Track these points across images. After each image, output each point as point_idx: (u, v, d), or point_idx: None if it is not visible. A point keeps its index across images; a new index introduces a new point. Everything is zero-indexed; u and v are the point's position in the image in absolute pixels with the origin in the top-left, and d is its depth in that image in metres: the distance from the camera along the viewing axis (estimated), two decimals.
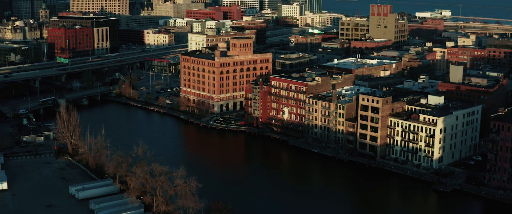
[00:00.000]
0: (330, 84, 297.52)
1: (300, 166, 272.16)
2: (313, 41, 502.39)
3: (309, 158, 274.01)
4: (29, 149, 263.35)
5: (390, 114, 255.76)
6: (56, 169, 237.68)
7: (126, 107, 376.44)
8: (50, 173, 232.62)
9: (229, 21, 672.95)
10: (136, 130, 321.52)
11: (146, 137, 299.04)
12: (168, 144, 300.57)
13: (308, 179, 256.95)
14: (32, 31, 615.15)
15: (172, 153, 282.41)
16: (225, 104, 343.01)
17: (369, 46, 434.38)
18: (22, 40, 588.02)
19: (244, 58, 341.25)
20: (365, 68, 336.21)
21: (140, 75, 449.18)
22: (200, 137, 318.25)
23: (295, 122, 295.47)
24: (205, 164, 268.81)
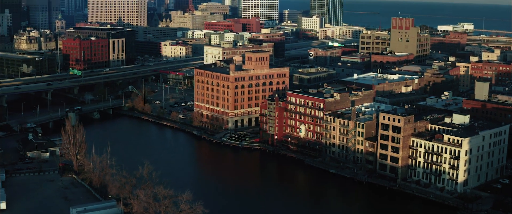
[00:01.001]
0: (349, 100, 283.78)
1: (316, 188, 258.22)
2: (333, 55, 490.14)
3: (326, 179, 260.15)
4: (33, 165, 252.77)
5: (412, 133, 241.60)
6: (59, 188, 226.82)
7: (138, 121, 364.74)
8: (52, 192, 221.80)
9: (248, 33, 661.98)
10: (146, 147, 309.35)
11: (156, 154, 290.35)
12: (178, 162, 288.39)
13: (325, 202, 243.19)
14: (48, 42, 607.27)
15: (181, 172, 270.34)
16: (240, 120, 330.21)
17: (390, 60, 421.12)
18: (37, 50, 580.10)
19: (260, 73, 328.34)
20: (386, 84, 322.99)
21: (155, 88, 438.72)
22: (212, 155, 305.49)
23: (312, 140, 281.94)
24: (216, 185, 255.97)
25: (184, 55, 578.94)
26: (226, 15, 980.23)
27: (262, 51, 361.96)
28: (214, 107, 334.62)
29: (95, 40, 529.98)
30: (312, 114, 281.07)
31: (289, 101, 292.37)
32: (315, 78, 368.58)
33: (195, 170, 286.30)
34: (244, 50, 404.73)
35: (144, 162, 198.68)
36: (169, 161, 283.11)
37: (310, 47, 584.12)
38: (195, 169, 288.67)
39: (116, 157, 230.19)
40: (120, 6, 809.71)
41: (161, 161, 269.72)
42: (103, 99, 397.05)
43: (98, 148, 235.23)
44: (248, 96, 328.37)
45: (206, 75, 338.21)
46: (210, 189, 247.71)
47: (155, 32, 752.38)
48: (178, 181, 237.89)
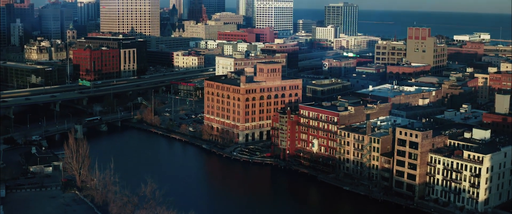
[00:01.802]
0: (364, 114, 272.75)
1: (329, 205, 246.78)
2: (348, 65, 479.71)
3: (340, 196, 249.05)
4: (35, 181, 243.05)
5: (430, 149, 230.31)
6: (60, 205, 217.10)
7: (147, 134, 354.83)
8: (53, 210, 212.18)
9: (261, 43, 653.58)
10: (153, 161, 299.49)
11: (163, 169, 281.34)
12: (186, 178, 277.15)
13: None
14: (58, 52, 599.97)
15: (188, 189, 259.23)
16: (251, 133, 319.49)
17: (406, 71, 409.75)
18: (47, 61, 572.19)
19: (272, 84, 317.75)
20: (402, 96, 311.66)
21: (165, 99, 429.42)
22: (221, 170, 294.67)
23: (325, 155, 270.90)
24: (223, 202, 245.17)
25: (196, 66, 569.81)
26: (240, 25, 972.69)
27: (274, 62, 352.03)
28: (224, 120, 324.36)
29: (105, 50, 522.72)
30: (326, 128, 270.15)
31: (302, 115, 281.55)
32: (329, 90, 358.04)
33: (203, 187, 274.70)
34: (256, 61, 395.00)
35: (147, 179, 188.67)
36: (176, 176, 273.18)
37: (324, 58, 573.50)
38: (202, 185, 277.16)
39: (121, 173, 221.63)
40: (133, 16, 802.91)
41: (167, 177, 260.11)
42: (112, 111, 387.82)
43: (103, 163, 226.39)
44: (260, 109, 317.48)
45: (216, 87, 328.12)
46: (218, 207, 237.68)
47: (167, 42, 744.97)
48: (183, 199, 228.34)
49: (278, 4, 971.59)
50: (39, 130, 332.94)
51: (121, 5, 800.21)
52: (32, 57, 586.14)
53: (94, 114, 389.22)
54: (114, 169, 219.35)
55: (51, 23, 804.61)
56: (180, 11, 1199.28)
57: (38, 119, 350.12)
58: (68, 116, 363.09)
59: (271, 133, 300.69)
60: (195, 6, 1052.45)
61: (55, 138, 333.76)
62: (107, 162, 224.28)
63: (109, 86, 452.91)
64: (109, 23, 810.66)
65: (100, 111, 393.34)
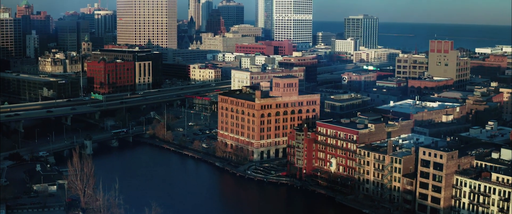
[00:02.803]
0: (385, 132, 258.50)
1: None
2: (368, 79, 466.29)
3: None
4: (38, 200, 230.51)
5: (456, 171, 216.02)
6: None
7: (159, 150, 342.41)
8: None
9: (280, 56, 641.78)
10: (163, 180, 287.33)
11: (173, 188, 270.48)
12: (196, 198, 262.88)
13: None
14: (73, 64, 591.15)
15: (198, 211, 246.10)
16: (266, 151, 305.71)
17: (429, 86, 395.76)
18: (62, 73, 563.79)
19: (288, 100, 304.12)
20: (425, 113, 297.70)
21: (179, 113, 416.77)
22: (234, 189, 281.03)
23: (344, 175, 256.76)
24: None
25: (213, 79, 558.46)
26: (258, 37, 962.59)
27: (291, 76, 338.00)
28: (238, 137, 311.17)
29: (120, 62, 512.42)
30: (344, 146, 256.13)
31: (319, 132, 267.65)
32: (348, 105, 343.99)
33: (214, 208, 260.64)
34: (273, 75, 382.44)
35: (152, 203, 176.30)
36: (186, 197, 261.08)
37: (344, 71, 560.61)
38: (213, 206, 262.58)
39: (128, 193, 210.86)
40: (150, 28, 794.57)
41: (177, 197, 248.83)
42: (124, 126, 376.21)
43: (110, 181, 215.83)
44: (275, 125, 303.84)
45: (231, 102, 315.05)
46: None
47: (184, 54, 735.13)
48: None
49: (297, 17, 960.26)
50: (47, 146, 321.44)
51: (138, 17, 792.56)
52: (46, 69, 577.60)
53: (106, 128, 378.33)
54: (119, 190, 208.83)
55: (67, 35, 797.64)
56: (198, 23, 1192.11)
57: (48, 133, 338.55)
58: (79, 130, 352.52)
59: (287, 151, 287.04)
60: (213, 18, 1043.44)
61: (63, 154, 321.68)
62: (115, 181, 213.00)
63: (122, 100, 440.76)
64: (126, 35, 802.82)
65: (112, 125, 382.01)
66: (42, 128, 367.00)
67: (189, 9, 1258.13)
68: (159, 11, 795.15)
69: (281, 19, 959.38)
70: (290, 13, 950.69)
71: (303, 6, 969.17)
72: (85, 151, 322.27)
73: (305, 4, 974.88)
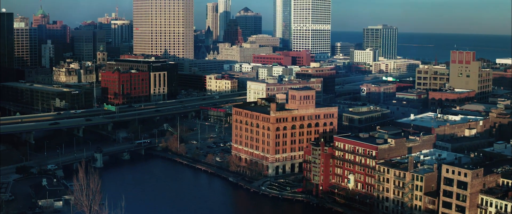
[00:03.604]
0: (405, 147, 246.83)
1: None
2: (387, 90, 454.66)
3: None
4: None
5: (481, 190, 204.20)
6: None
7: (171, 163, 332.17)
8: None
9: (297, 67, 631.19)
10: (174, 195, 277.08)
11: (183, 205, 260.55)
12: None
13: None
14: (88, 74, 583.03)
15: None
16: (281, 165, 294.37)
17: (450, 98, 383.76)
18: (76, 83, 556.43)
19: (305, 113, 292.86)
20: (447, 126, 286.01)
21: (194, 125, 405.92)
22: (248, 206, 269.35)
23: (362, 192, 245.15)
24: None
25: (229, 90, 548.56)
26: (276, 47, 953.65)
27: (308, 88, 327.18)
28: (253, 151, 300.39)
29: (135, 73, 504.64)
30: (363, 162, 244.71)
31: (337, 147, 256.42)
32: (367, 118, 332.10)
33: None
34: (290, 86, 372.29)
35: None
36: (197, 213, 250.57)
37: (363, 82, 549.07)
38: None
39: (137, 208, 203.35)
40: (166, 38, 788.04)
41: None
42: (137, 138, 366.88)
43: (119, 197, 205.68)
44: (291, 139, 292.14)
45: (245, 115, 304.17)
46: None
47: (201, 64, 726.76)
48: None
49: (316, 27, 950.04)
50: (56, 158, 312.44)
51: (155, 27, 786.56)
52: (60, 79, 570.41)
53: (118, 140, 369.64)
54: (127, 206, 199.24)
55: (83, 44, 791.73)
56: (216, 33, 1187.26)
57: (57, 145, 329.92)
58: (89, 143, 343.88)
59: (303, 166, 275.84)
60: (231, 28, 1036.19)
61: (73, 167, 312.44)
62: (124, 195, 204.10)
63: (136, 111, 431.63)
64: (142, 45, 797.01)
65: (124, 137, 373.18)
66: (53, 140, 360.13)
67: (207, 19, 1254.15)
68: (175, 21, 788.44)
69: (299, 29, 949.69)
70: (309, 23, 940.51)
71: (321, 16, 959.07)
72: (95, 164, 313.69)
73: (324, 14, 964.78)
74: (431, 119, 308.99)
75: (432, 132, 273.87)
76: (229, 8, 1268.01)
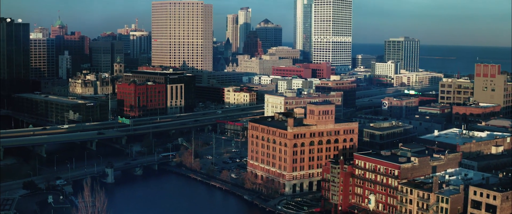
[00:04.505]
0: (429, 166, 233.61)
1: None
2: (409, 104, 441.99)
3: None
4: None
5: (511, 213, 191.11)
6: None
7: (185, 180, 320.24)
8: None
9: (317, 79, 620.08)
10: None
11: None
12: None
13: None
14: (104, 86, 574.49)
15: None
16: (299, 183, 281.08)
17: (474, 112, 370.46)
18: (92, 95, 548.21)
19: (324, 128, 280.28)
20: (473, 144, 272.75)
21: (210, 139, 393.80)
22: None
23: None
24: None
25: (247, 102, 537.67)
26: (296, 59, 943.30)
27: (327, 102, 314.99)
28: (269, 168, 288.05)
29: (151, 85, 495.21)
30: (384, 182, 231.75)
31: (357, 165, 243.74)
32: (388, 134, 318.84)
33: None
34: (309, 100, 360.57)
35: None
36: None
37: (384, 96, 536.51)
38: None
39: None
40: (185, 50, 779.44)
41: None
42: (151, 152, 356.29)
43: None
44: (309, 156, 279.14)
45: (261, 130, 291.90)
46: None
47: (219, 76, 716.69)
48: None
49: (337, 39, 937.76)
50: (66, 173, 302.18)
51: (173, 38, 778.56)
52: (76, 90, 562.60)
53: (131, 154, 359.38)
54: None
55: (101, 55, 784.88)
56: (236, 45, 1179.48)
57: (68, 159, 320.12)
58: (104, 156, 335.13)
59: (321, 185, 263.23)
60: (251, 40, 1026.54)
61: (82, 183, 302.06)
62: None
63: (150, 124, 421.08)
64: (161, 57, 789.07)
65: (138, 152, 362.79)
66: (65, 153, 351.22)
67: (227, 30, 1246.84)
68: (194, 32, 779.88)
69: (320, 41, 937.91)
70: (329, 35, 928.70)
71: (342, 28, 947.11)
72: (106, 180, 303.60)
73: (345, 26, 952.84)
74: (456, 136, 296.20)
75: (458, 149, 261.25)
76: (249, 19, 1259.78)
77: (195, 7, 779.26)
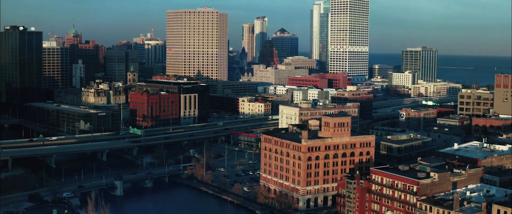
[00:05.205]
0: (450, 182, 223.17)
1: None
2: (427, 116, 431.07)
3: None
4: None
5: None
6: None
7: (196, 193, 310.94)
8: None
9: (334, 89, 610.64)
10: None
11: None
12: None
13: None
14: (117, 95, 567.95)
15: None
16: (313, 198, 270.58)
17: (495, 124, 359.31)
18: (105, 104, 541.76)
19: (339, 141, 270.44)
20: (494, 158, 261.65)
21: (223, 151, 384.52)
22: None
23: None
24: None
25: (262, 113, 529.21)
26: (312, 69, 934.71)
27: (343, 114, 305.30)
28: (282, 182, 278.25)
29: (164, 95, 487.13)
30: (402, 198, 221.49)
31: (373, 180, 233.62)
32: (406, 147, 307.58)
33: None
34: (325, 111, 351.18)
35: None
36: None
37: (401, 106, 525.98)
38: None
39: None
40: (199, 59, 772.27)
41: None
42: (162, 164, 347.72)
43: None
44: (324, 170, 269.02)
45: (275, 143, 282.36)
46: None
47: (234, 86, 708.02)
48: None
49: (353, 48, 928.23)
50: (73, 186, 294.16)
51: (188, 48, 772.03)
52: (89, 100, 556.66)
53: (141, 166, 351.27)
54: None
55: (115, 64, 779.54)
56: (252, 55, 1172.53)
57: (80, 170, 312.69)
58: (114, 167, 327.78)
59: (336, 200, 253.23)
60: (266, 50, 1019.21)
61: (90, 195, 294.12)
62: None
63: (162, 135, 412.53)
64: (175, 66, 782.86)
65: (149, 163, 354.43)
66: (75, 164, 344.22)
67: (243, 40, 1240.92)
68: (209, 42, 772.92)
69: (336, 51, 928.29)
70: (346, 45, 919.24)
71: (359, 38, 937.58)
72: (115, 192, 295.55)
73: (362, 36, 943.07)
74: (477, 149, 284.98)
75: (479, 164, 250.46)
76: (265, 29, 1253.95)
77: (210, 16, 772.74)
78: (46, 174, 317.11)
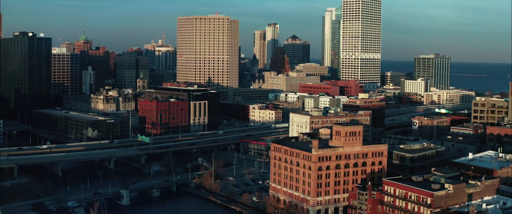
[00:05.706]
0: (465, 193, 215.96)
1: None
2: (440, 124, 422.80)
3: None
4: None
5: None
6: None
7: (204, 202, 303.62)
8: None
9: (345, 97, 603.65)
10: None
11: None
12: None
13: None
14: (126, 102, 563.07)
15: None
16: (324, 209, 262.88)
17: (509, 133, 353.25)
18: (114, 111, 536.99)
19: (351, 151, 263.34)
20: (511, 168, 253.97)
21: (232, 159, 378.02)
22: None
23: None
24: None
25: (273, 120, 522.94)
26: (324, 76, 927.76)
27: (355, 123, 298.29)
28: (292, 192, 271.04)
29: (174, 102, 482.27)
30: (416, 211, 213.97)
31: (386, 192, 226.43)
32: (419, 156, 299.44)
33: None
34: (336, 119, 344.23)
35: None
36: None
37: (414, 114, 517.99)
38: None
39: None
40: (210, 66, 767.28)
41: None
42: (170, 172, 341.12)
43: None
44: (335, 180, 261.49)
45: (284, 152, 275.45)
46: None
47: (245, 93, 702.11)
48: None
49: (365, 55, 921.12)
50: (79, 195, 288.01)
51: (198, 54, 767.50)
52: (98, 107, 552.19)
53: (149, 174, 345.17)
54: None
55: (125, 71, 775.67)
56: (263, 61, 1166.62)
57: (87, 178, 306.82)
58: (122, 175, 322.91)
59: (347, 212, 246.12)
60: (278, 57, 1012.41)
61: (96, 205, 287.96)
62: None
63: (170, 143, 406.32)
64: (186, 73, 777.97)
65: (157, 171, 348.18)
66: (82, 172, 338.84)
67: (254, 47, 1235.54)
68: (220, 49, 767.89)
69: (348, 58, 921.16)
70: (358, 52, 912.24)
71: (371, 45, 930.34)
72: (121, 202, 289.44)
73: (374, 43, 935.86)
74: (492, 159, 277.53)
75: (494, 174, 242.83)
76: (276, 36, 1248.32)
77: (221, 23, 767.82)
78: (52, 182, 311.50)
